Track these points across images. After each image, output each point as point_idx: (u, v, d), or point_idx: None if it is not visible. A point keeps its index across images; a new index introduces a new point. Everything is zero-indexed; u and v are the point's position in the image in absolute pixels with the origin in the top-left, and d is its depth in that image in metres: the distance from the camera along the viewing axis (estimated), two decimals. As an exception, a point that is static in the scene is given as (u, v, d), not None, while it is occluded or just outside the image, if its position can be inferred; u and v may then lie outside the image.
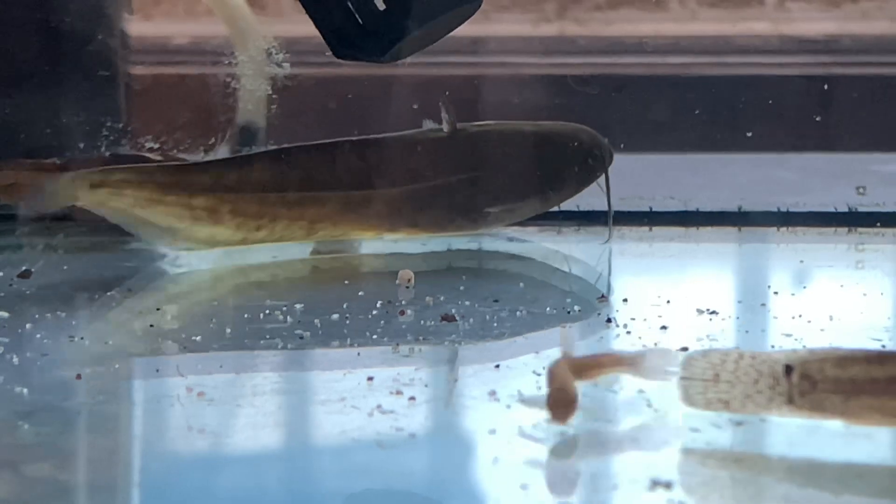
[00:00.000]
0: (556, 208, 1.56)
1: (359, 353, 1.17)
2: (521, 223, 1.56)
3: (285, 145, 1.50)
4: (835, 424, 0.98)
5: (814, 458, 0.97)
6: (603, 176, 1.52)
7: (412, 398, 1.06)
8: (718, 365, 1.00)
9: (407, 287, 1.37)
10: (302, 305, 1.29)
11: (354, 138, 1.50)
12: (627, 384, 1.06)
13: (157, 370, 1.16)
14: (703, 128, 1.71)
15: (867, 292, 1.37)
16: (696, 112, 1.73)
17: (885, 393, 0.97)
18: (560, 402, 0.99)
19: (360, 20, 1.31)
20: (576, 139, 1.53)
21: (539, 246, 1.54)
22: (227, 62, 1.67)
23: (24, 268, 1.41)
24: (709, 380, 1.00)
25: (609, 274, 1.49)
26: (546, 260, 1.53)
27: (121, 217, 1.43)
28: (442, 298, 1.32)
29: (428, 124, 1.52)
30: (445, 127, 1.50)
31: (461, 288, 1.36)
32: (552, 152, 1.52)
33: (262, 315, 1.27)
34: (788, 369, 0.99)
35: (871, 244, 1.58)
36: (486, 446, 0.99)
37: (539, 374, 1.07)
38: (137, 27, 1.74)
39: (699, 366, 1.00)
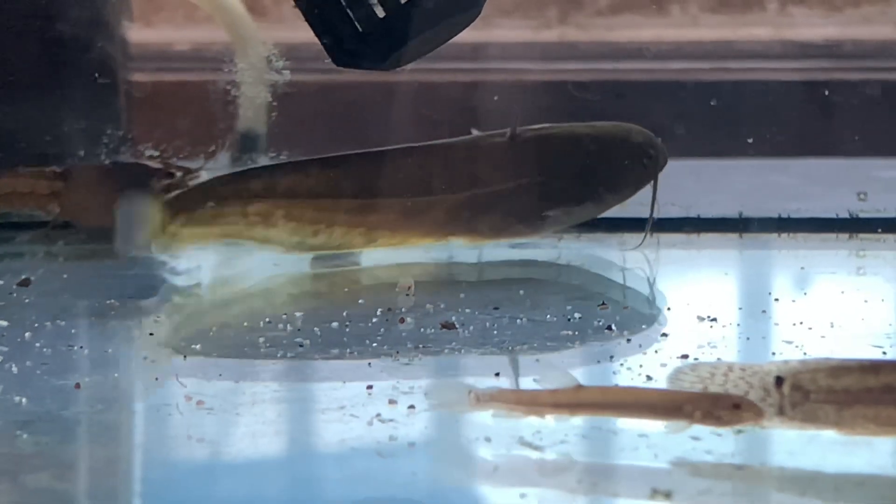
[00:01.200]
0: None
1: (369, 364, 1.17)
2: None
3: (341, 153, 1.50)
4: (834, 434, 0.98)
5: (813, 468, 0.97)
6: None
7: (412, 406, 1.05)
8: (707, 378, 1.00)
9: (407, 295, 1.37)
10: (302, 314, 1.29)
11: (412, 145, 1.50)
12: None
13: (157, 379, 1.16)
14: (704, 133, 1.70)
15: (868, 298, 1.37)
16: (697, 118, 1.73)
17: (880, 402, 0.96)
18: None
19: (359, 27, 1.31)
20: (631, 140, 1.53)
21: (539, 253, 1.54)
22: (227, 69, 1.67)
23: (23, 276, 1.41)
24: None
25: (624, 280, 1.49)
26: (546, 268, 1.53)
27: (181, 243, 1.44)
28: (442, 306, 1.32)
29: (475, 132, 1.52)
30: (506, 133, 1.49)
31: (461, 296, 1.36)
32: (607, 154, 1.52)
33: (261, 323, 1.27)
34: (779, 381, 0.98)
35: (872, 250, 1.58)
36: (485, 455, 0.99)
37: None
38: (137, 34, 1.74)
39: (688, 379, 1.00)
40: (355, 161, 1.48)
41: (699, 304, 1.33)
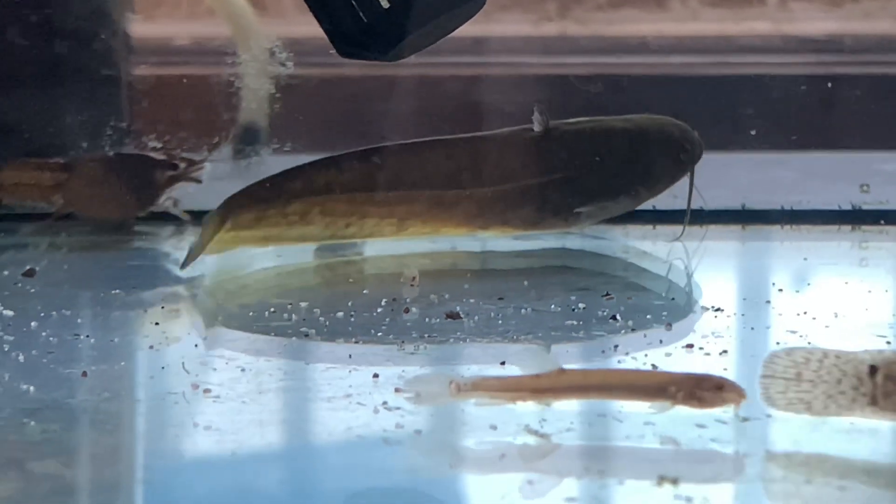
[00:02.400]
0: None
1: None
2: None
3: (373, 145, 1.50)
4: (840, 421, 0.98)
5: (819, 454, 0.97)
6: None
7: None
8: (802, 363, 0.99)
9: (412, 285, 1.37)
10: (307, 303, 1.29)
11: (445, 137, 1.50)
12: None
13: (163, 367, 1.16)
14: (706, 127, 1.70)
15: (871, 289, 1.37)
16: (699, 112, 1.73)
17: None
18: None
19: (364, 18, 1.31)
20: (666, 134, 1.52)
21: (543, 243, 1.54)
22: (229, 62, 1.67)
23: (28, 266, 1.41)
24: (791, 378, 0.99)
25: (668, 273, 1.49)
26: (550, 258, 1.53)
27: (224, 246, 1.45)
28: (447, 296, 1.32)
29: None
30: (536, 126, 1.49)
31: (466, 286, 1.36)
32: (643, 149, 1.51)
33: (266, 313, 1.27)
34: (873, 370, 0.97)
35: (874, 242, 1.58)
36: (490, 443, 0.99)
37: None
38: (140, 27, 1.74)
39: (781, 364, 0.99)
40: (387, 154, 1.49)
41: (704, 295, 1.33)
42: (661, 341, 1.19)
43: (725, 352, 1.16)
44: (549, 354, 1.02)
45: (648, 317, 1.26)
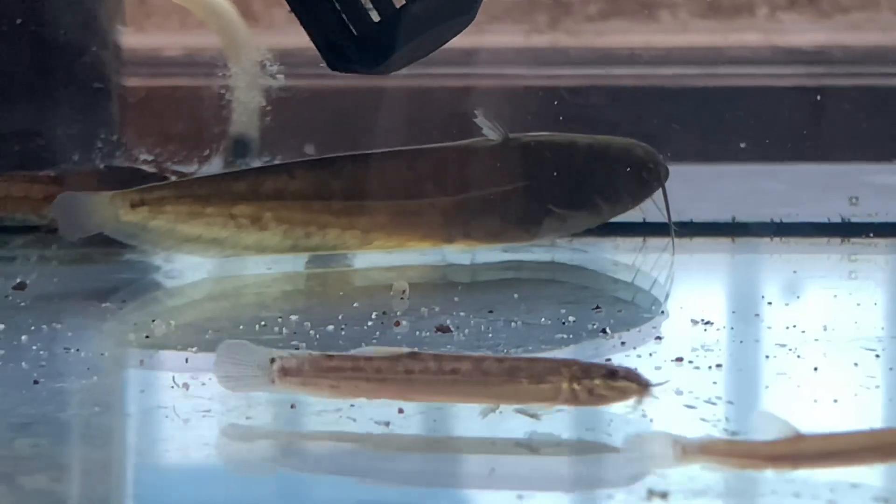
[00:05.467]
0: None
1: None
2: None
3: (329, 155, 1.50)
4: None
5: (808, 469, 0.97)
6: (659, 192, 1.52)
7: (400, 410, 1.05)
8: None
9: (402, 298, 1.37)
10: (297, 317, 1.29)
11: (402, 148, 1.51)
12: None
13: (153, 382, 1.16)
14: (695, 139, 1.71)
15: (860, 302, 1.37)
16: (689, 123, 1.73)
17: None
18: None
19: (354, 31, 1.31)
20: (629, 151, 1.53)
21: (533, 256, 1.54)
22: (220, 74, 1.68)
23: (18, 280, 1.41)
24: None
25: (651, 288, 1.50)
26: (541, 271, 1.53)
27: (158, 237, 1.43)
28: (437, 309, 1.32)
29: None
30: (492, 135, 1.49)
31: (456, 299, 1.36)
32: (605, 164, 1.52)
33: (257, 326, 1.27)
34: None
35: (863, 254, 1.58)
36: (482, 457, 0.99)
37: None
38: (130, 39, 1.74)
39: None
40: (343, 163, 1.49)
41: (693, 308, 1.33)
42: (650, 354, 1.20)
43: (720, 366, 1.17)
44: (782, 419, 0.97)
45: (638, 330, 1.26)
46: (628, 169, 1.52)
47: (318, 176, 1.47)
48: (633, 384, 1.00)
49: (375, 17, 1.32)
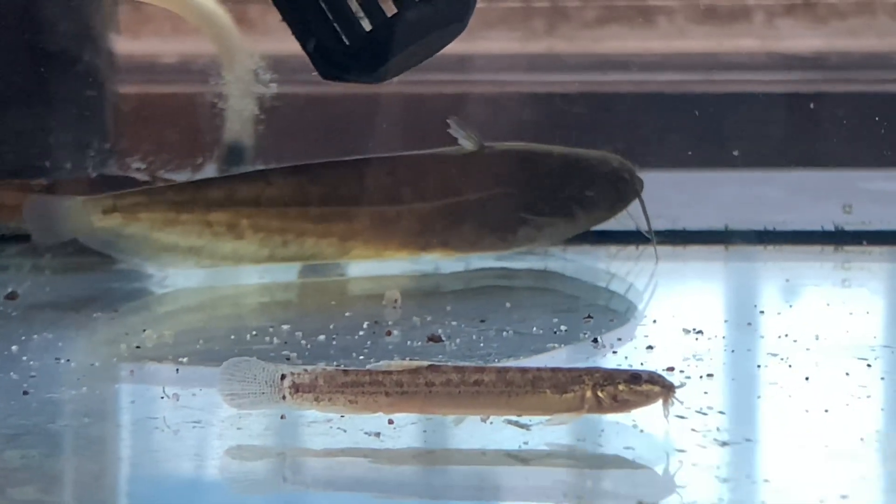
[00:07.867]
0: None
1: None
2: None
3: (306, 162, 1.50)
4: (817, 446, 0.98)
5: (798, 480, 0.97)
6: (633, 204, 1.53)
7: (390, 421, 1.05)
8: None
9: (394, 308, 1.37)
10: (289, 326, 1.29)
11: (379, 155, 1.51)
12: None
13: (144, 392, 1.16)
14: (690, 145, 1.71)
15: (853, 311, 1.37)
16: (684, 129, 1.73)
17: None
18: None
19: (346, 41, 1.31)
20: (604, 162, 1.53)
21: (525, 264, 1.54)
22: (214, 81, 1.67)
23: (10, 289, 1.41)
24: None
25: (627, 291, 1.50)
26: (532, 279, 1.53)
27: (134, 245, 1.43)
28: (429, 319, 1.32)
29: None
30: (466, 144, 1.50)
31: (448, 308, 1.36)
32: (579, 173, 1.53)
33: (248, 336, 1.27)
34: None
35: (857, 262, 1.58)
36: (471, 467, 0.99)
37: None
38: (124, 46, 1.74)
39: None
40: (320, 169, 1.49)
41: (685, 317, 1.33)
42: (641, 364, 1.19)
43: (711, 375, 1.16)
44: None
45: (630, 339, 1.26)
46: (602, 178, 1.52)
47: (295, 183, 1.47)
48: (657, 387, 0.99)
49: (367, 26, 1.32)
